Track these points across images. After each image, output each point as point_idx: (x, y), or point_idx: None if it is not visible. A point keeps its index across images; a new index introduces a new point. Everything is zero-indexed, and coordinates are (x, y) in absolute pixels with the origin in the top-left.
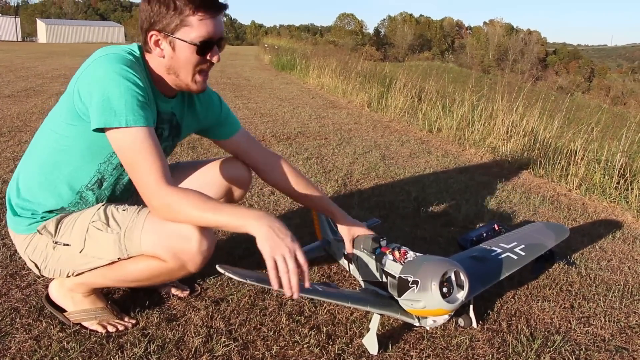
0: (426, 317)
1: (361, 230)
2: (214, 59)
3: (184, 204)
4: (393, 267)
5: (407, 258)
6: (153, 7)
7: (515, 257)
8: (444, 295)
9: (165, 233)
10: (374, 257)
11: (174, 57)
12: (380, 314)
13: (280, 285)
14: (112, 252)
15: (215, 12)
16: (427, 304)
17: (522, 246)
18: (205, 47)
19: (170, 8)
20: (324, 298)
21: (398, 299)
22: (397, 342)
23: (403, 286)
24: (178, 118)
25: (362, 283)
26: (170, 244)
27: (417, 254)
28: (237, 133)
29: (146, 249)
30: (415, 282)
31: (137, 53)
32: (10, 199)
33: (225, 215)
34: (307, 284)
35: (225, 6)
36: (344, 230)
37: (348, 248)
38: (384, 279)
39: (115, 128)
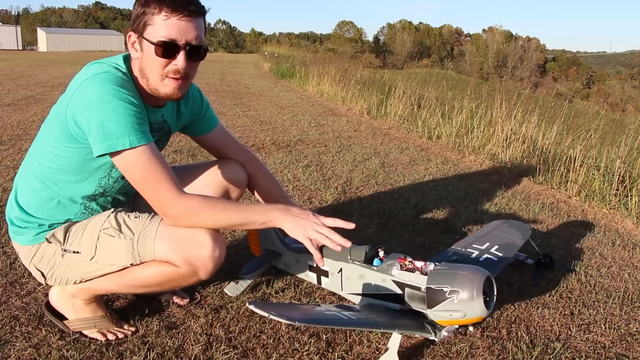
0: (441, 330)
1: None
2: (178, 63)
3: (207, 208)
4: (412, 277)
5: (427, 268)
6: (136, 8)
7: (495, 259)
8: (485, 303)
9: (178, 239)
10: (374, 268)
11: (142, 58)
12: (403, 334)
13: (322, 256)
14: (125, 258)
15: (182, 13)
16: (468, 313)
17: (497, 246)
18: (166, 48)
19: (142, 7)
20: (352, 327)
21: (428, 310)
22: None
23: (437, 297)
24: (169, 123)
25: (352, 298)
26: (184, 249)
27: (436, 263)
28: (214, 130)
29: (159, 255)
30: (455, 292)
31: (124, 67)
32: (11, 216)
33: (250, 213)
34: (344, 242)
35: (198, 11)
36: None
37: (318, 259)
38: (398, 291)
39: (120, 151)
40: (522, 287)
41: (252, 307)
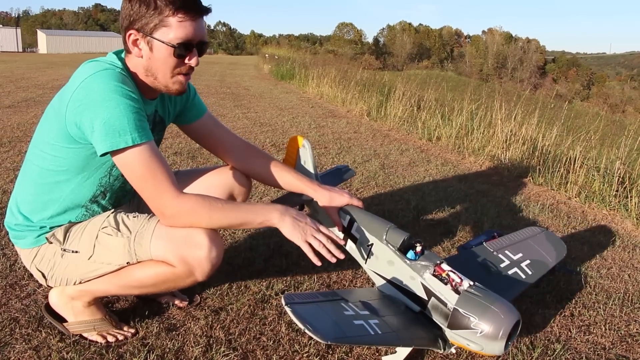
0: (451, 347)
1: (343, 198)
2: (192, 62)
3: (204, 207)
4: (442, 290)
5: (462, 285)
6: (133, 5)
7: (523, 276)
8: (505, 345)
9: (175, 239)
10: (407, 261)
11: (151, 58)
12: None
13: (322, 259)
14: (122, 257)
15: (196, 14)
16: (486, 349)
17: (528, 262)
18: (183, 49)
19: (150, 7)
20: (377, 344)
21: (447, 329)
22: (395, 351)
23: (461, 322)
24: (160, 113)
25: (373, 277)
26: (181, 249)
27: (471, 283)
28: (204, 116)
29: (156, 254)
30: (481, 326)
31: (120, 64)
32: (11, 224)
33: (247, 212)
34: (338, 253)
35: (207, 10)
36: (324, 202)
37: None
38: (423, 295)
39: (122, 149)
40: None
41: (288, 310)
